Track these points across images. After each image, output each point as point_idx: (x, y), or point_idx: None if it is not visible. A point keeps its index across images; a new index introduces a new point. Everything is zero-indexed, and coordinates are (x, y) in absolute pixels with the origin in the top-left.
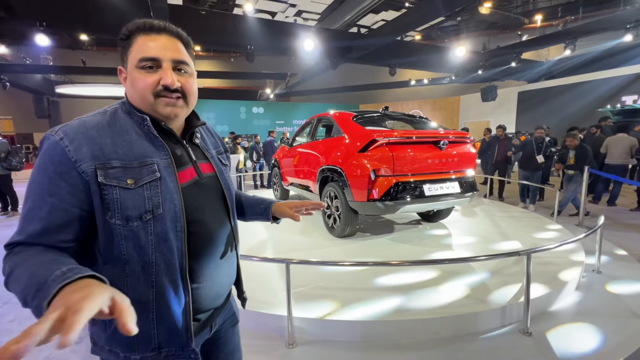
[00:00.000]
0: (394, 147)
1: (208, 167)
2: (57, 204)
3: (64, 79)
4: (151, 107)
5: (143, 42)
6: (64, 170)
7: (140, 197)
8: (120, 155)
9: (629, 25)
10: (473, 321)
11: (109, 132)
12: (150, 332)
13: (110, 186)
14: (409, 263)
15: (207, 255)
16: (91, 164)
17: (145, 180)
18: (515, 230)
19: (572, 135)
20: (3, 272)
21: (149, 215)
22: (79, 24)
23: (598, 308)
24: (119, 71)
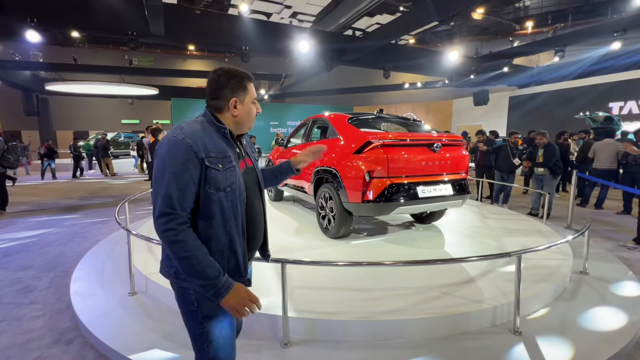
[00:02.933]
0: (388, 149)
1: (250, 162)
2: (189, 179)
3: (54, 76)
4: (248, 124)
5: (252, 88)
6: (191, 157)
7: (225, 176)
8: (214, 149)
9: (616, 34)
10: (465, 321)
11: (205, 135)
12: (224, 264)
13: (211, 168)
14: (402, 263)
15: (253, 218)
16: (203, 153)
17: (227, 166)
18: (506, 232)
19: (541, 133)
20: (177, 246)
21: (229, 189)
22: (72, 20)
23: (586, 308)
24: (234, 100)
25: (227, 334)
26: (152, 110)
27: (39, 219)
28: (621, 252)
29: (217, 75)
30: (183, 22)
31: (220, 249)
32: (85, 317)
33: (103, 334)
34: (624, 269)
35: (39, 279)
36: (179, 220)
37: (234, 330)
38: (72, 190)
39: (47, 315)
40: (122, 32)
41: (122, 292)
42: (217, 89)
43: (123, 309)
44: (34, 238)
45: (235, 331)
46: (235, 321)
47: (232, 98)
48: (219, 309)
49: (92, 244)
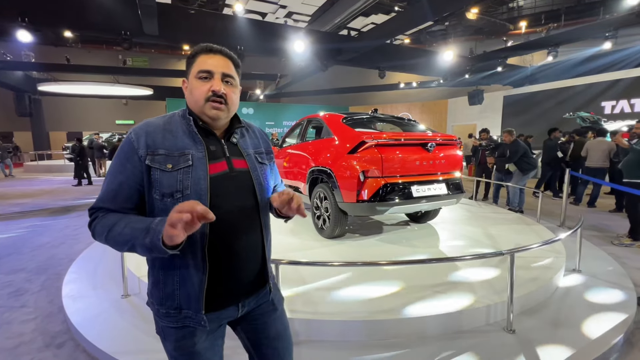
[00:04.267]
0: (382, 149)
1: (242, 163)
2: (122, 180)
3: (47, 77)
4: (201, 109)
5: (203, 59)
6: (129, 156)
7: (174, 179)
8: (166, 146)
9: (608, 34)
10: (459, 319)
11: (162, 129)
12: (174, 292)
13: (154, 168)
14: (397, 263)
15: (227, 239)
16: (145, 150)
17: (180, 166)
18: (500, 231)
19: (507, 131)
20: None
21: (179, 194)
22: (64, 20)
23: (578, 306)
24: (182, 82)
25: None
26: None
27: (31, 220)
28: (614, 249)
29: None
30: (177, 21)
31: (168, 275)
32: (76, 320)
33: (95, 336)
34: (616, 267)
35: (30, 282)
36: (104, 212)
37: None
38: (65, 191)
39: (38, 319)
40: (115, 32)
41: (115, 294)
42: None
43: (116, 311)
44: (26, 240)
45: None
46: None
47: (183, 79)
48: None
49: (85, 246)
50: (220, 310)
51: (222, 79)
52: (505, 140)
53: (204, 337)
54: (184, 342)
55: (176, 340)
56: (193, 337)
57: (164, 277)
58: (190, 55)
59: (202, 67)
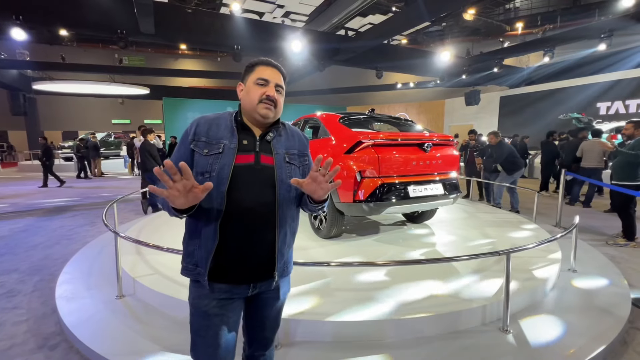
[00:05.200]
0: (379, 149)
1: (269, 159)
2: (179, 157)
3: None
4: (254, 108)
5: (262, 69)
6: (184, 140)
7: (206, 162)
8: (208, 136)
9: (603, 35)
10: (455, 320)
11: (210, 122)
12: (194, 251)
13: (195, 152)
14: (393, 263)
15: (239, 224)
16: (192, 137)
17: (213, 152)
18: (496, 231)
19: (492, 133)
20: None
21: (207, 175)
22: (59, 18)
23: (573, 305)
24: (238, 85)
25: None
26: (143, 110)
27: (24, 220)
28: (608, 250)
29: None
30: (174, 20)
31: (191, 237)
32: (70, 321)
33: (88, 338)
34: (610, 266)
35: (24, 282)
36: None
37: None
38: (60, 191)
39: (31, 320)
40: (111, 31)
41: (109, 295)
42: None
43: (110, 312)
44: (20, 241)
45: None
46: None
47: (239, 83)
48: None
49: (79, 246)
50: (232, 285)
51: (274, 87)
52: (490, 142)
53: (214, 303)
54: (199, 301)
55: (193, 298)
56: (205, 298)
57: (189, 239)
58: (250, 65)
59: (261, 75)
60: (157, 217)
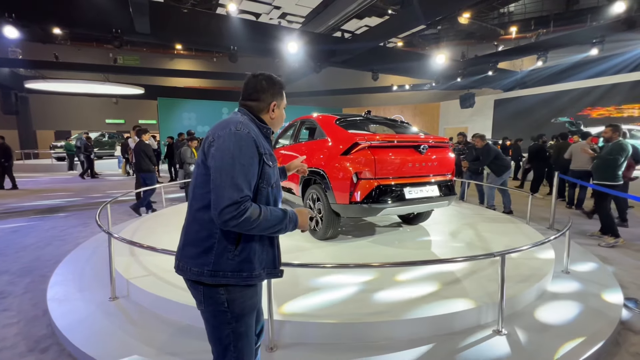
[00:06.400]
0: (375, 151)
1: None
2: (254, 172)
3: (34, 74)
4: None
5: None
6: (255, 152)
7: (273, 173)
8: (265, 147)
9: (595, 40)
10: (450, 321)
11: (257, 134)
12: (262, 257)
13: (266, 164)
14: (389, 265)
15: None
16: (263, 149)
17: (274, 164)
18: (490, 232)
19: (478, 136)
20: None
21: (275, 185)
22: (52, 16)
23: (567, 307)
24: (275, 104)
25: (251, 333)
26: (138, 110)
27: (16, 221)
28: (600, 250)
29: (260, 79)
30: (169, 20)
31: (262, 242)
32: (62, 323)
33: (80, 341)
34: (602, 268)
35: (14, 284)
36: (249, 202)
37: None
38: (52, 191)
39: (21, 323)
40: (105, 30)
41: (102, 297)
42: (259, 91)
43: (103, 314)
44: (11, 242)
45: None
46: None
47: (273, 102)
48: (246, 309)
49: (72, 247)
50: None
51: None
52: (476, 145)
53: (258, 297)
54: (250, 302)
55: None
56: (255, 296)
57: (259, 249)
58: (282, 89)
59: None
60: (151, 218)
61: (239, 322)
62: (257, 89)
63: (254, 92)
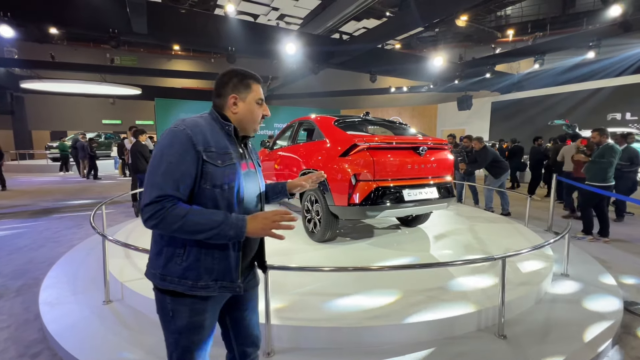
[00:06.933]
0: (374, 152)
1: (252, 165)
2: (184, 170)
3: (30, 74)
4: (253, 125)
5: (258, 88)
6: (189, 150)
7: (222, 174)
8: (215, 144)
9: (591, 43)
10: (450, 325)
11: (208, 129)
12: (212, 266)
13: (208, 162)
14: (387, 268)
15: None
16: (202, 147)
17: (227, 163)
18: (489, 235)
19: (476, 138)
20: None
21: (226, 186)
22: (49, 16)
23: (567, 310)
24: (234, 98)
25: (201, 353)
26: (135, 110)
27: (9, 222)
28: (599, 254)
29: (222, 74)
30: (167, 20)
31: (210, 250)
32: (54, 328)
33: (72, 346)
34: (602, 271)
35: (6, 287)
36: (172, 202)
37: (207, 347)
38: (47, 192)
39: (12, 327)
40: (102, 29)
41: (96, 300)
42: (219, 86)
43: (96, 318)
44: (3, 243)
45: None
46: (210, 338)
47: (232, 95)
48: (192, 325)
49: (66, 249)
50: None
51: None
52: (474, 147)
53: (209, 313)
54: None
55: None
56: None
57: (205, 256)
58: (245, 80)
59: (260, 95)
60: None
61: (182, 335)
62: (218, 84)
63: (216, 88)
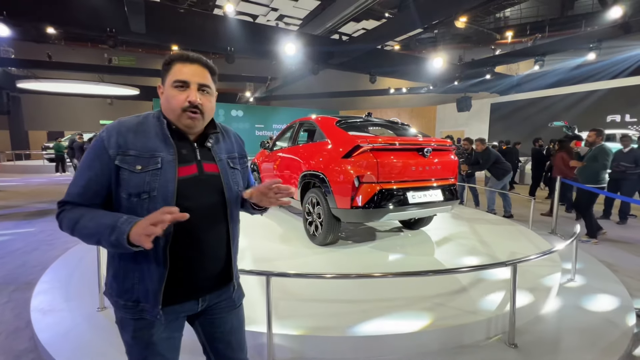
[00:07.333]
0: (378, 154)
1: (213, 167)
2: (91, 176)
3: (27, 74)
4: (177, 117)
5: (179, 68)
6: (99, 154)
7: (142, 180)
8: (137, 147)
9: (592, 45)
10: (459, 334)
11: (135, 130)
12: (133, 285)
13: (123, 168)
14: (391, 275)
15: (192, 239)
16: (115, 150)
17: (149, 168)
18: (493, 238)
19: (479, 140)
20: (64, 224)
21: (145, 195)
22: (46, 15)
23: (578, 317)
24: (158, 87)
25: None
26: (133, 110)
27: (2, 224)
28: (604, 257)
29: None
30: (166, 20)
31: (136, 264)
32: (45, 336)
33: (65, 355)
34: (610, 275)
35: None
36: (71, 206)
37: None
38: (43, 193)
39: (2, 335)
40: (100, 29)
41: (89, 307)
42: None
43: (90, 326)
44: None
45: None
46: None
47: (159, 84)
48: (139, 339)
49: (60, 253)
50: (181, 304)
51: (198, 89)
52: (477, 149)
53: (161, 329)
54: (141, 333)
55: (134, 331)
56: (151, 328)
57: (125, 272)
58: (166, 62)
59: (178, 76)
60: None
61: (133, 349)
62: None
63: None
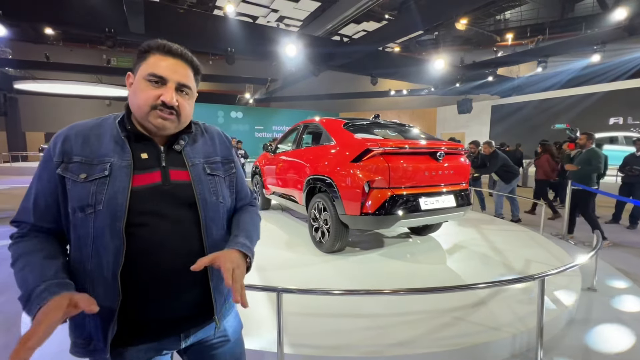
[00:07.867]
0: (389, 158)
1: (183, 175)
2: (40, 189)
3: (24, 74)
4: (144, 115)
5: (157, 60)
6: (47, 164)
7: (87, 192)
8: (84, 153)
9: (596, 47)
10: (483, 353)
11: (87, 133)
12: (83, 320)
13: (66, 178)
14: (403, 292)
15: (154, 263)
16: (60, 158)
17: (95, 176)
18: (506, 245)
19: (486, 142)
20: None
21: (90, 209)
22: (43, 15)
23: (605, 330)
24: (127, 76)
25: None
26: None
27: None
28: (618, 263)
29: None
30: (165, 20)
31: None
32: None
33: None
34: (629, 284)
35: None
36: (21, 233)
37: None
38: None
39: None
40: (98, 29)
41: None
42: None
43: None
44: None
45: None
46: None
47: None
48: None
49: None
50: (157, 342)
51: (176, 89)
52: (484, 151)
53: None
54: None
55: None
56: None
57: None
58: (143, 49)
59: (154, 70)
60: None
61: None
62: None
63: None
